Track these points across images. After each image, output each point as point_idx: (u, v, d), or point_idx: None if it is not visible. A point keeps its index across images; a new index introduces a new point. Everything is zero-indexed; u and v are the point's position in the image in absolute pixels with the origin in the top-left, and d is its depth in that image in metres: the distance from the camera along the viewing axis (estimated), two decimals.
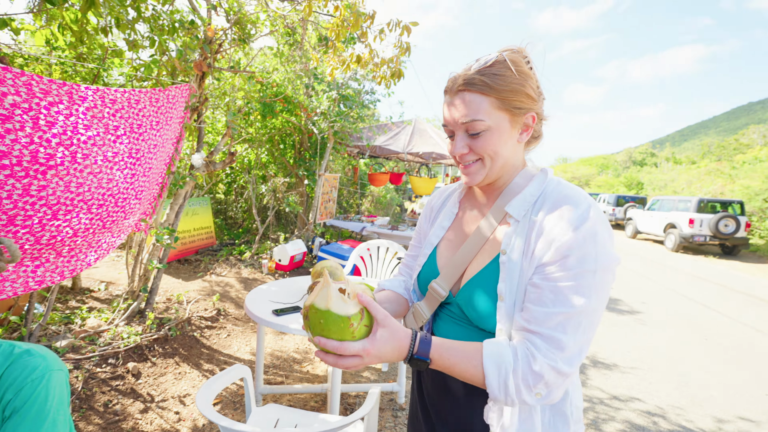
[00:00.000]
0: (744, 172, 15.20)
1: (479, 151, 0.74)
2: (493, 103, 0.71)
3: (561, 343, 0.64)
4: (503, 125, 0.73)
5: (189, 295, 3.77)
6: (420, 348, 0.68)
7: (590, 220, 0.66)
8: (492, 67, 0.72)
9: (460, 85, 0.73)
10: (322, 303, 0.66)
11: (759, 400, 2.86)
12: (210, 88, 4.10)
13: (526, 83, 0.73)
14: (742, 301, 5.74)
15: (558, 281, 0.65)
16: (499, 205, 0.80)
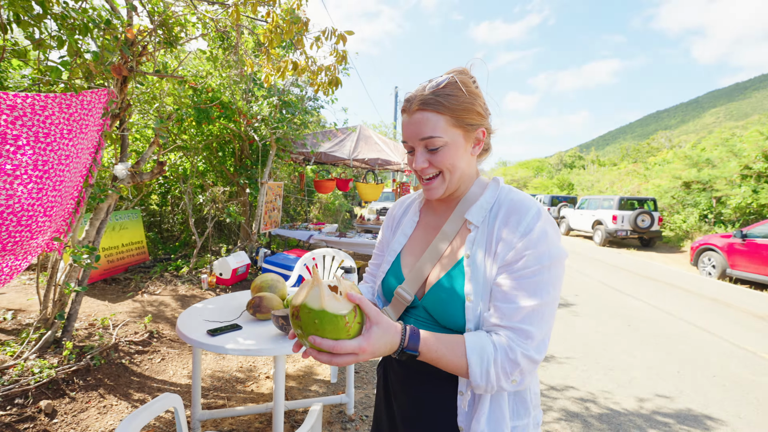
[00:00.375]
0: (655, 173, 17.10)
1: (438, 164, 0.82)
2: (448, 120, 0.78)
3: (530, 334, 0.72)
4: (458, 141, 0.81)
5: (116, 318, 3.43)
6: (410, 342, 0.72)
7: (540, 221, 0.76)
8: (445, 88, 0.79)
9: (417, 105, 0.80)
10: (315, 302, 0.65)
11: (672, 377, 3.19)
12: (135, 94, 3.80)
13: (475, 102, 0.81)
14: (656, 288, 6.41)
15: (520, 279, 0.74)
16: (458, 212, 0.87)
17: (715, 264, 7.63)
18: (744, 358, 3.64)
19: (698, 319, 4.81)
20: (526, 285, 0.73)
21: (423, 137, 0.80)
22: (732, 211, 11.31)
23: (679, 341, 4.01)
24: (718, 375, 3.26)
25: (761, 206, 10.53)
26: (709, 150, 14.00)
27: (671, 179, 13.89)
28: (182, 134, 4.90)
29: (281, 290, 2.23)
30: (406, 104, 0.83)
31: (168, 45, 2.52)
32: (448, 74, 0.82)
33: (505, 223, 0.78)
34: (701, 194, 12.58)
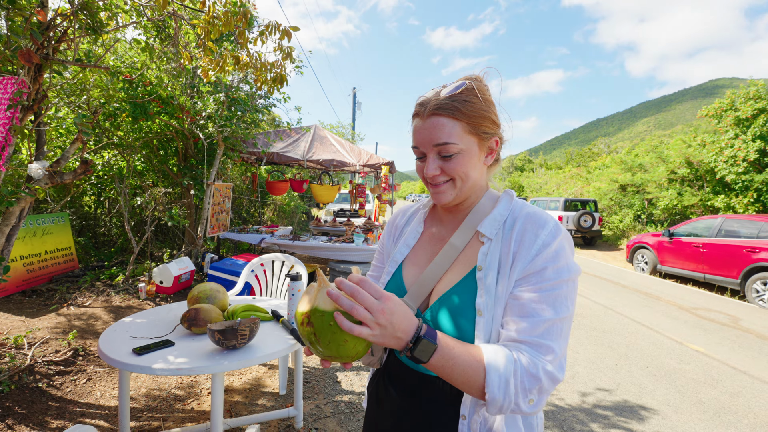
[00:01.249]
0: (596, 176, 18.37)
1: (451, 172, 0.78)
2: (464, 127, 0.76)
3: (551, 349, 0.68)
4: (473, 148, 0.78)
5: (33, 336, 3.06)
6: (428, 331, 0.67)
7: (559, 236, 0.74)
8: (462, 94, 0.76)
9: (432, 110, 0.76)
10: (327, 304, 0.62)
11: (611, 370, 3.39)
12: (59, 85, 3.42)
13: (490, 110, 0.79)
14: (597, 284, 6.85)
15: (540, 291, 0.71)
16: (469, 224, 0.84)
17: (647, 261, 8.29)
18: (672, 348, 3.96)
19: (633, 312, 5.18)
20: (546, 298, 0.70)
21: (437, 143, 0.76)
22: (661, 212, 12.40)
23: (616, 334, 4.28)
24: (650, 366, 3.51)
25: (685, 207, 11.63)
26: (641, 156, 15.28)
27: (609, 182, 14.99)
28: (116, 131, 4.48)
29: (221, 301, 2.07)
30: (419, 108, 0.80)
31: (91, 31, 2.27)
32: (464, 80, 0.80)
33: (522, 236, 0.76)
34: (635, 196, 13.69)
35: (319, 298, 0.64)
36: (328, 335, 0.62)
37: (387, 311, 0.62)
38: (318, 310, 0.62)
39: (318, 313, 0.62)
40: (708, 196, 11.05)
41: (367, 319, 0.60)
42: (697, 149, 11.48)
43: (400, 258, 0.93)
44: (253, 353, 1.67)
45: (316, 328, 0.62)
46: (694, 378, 3.29)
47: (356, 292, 0.61)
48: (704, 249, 6.94)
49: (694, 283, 7.40)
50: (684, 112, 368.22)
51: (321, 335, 0.62)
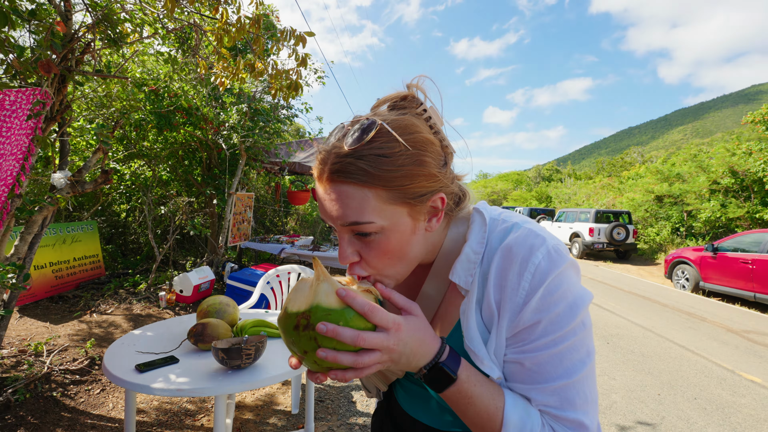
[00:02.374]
0: (629, 186, 17.56)
1: (372, 261, 0.55)
2: (382, 196, 0.51)
3: (579, 424, 0.52)
4: (401, 222, 0.54)
5: (54, 343, 3.08)
6: (449, 358, 0.53)
7: (552, 266, 0.53)
8: (374, 143, 0.51)
9: (332, 173, 0.52)
10: (332, 300, 0.49)
11: (654, 401, 3.07)
12: (85, 96, 3.51)
13: (424, 157, 0.53)
14: (633, 302, 6.40)
15: (536, 353, 0.53)
16: (438, 270, 0.64)
17: (688, 277, 7.72)
18: (722, 377, 3.57)
19: (675, 334, 4.77)
20: (550, 359, 0.53)
21: (345, 222, 0.53)
22: (702, 225, 11.63)
23: (658, 360, 3.92)
24: (698, 397, 3.16)
25: (729, 220, 10.86)
26: (679, 165, 14.48)
27: (644, 193, 14.25)
28: (142, 141, 4.59)
29: (231, 315, 1.98)
30: (318, 165, 0.55)
31: (112, 43, 2.28)
32: (375, 113, 0.56)
33: (502, 281, 0.55)
34: (673, 208, 12.93)
35: (321, 294, 0.50)
36: (333, 340, 0.47)
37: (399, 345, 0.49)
38: (321, 308, 0.48)
39: (322, 312, 0.48)
40: (756, 208, 10.26)
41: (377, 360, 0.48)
42: (743, 158, 10.74)
43: None
44: (258, 374, 1.56)
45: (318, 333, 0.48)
46: (751, 414, 2.92)
47: (360, 341, 0.47)
48: (753, 266, 6.37)
49: (742, 303, 6.80)
50: (724, 119, 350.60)
51: (324, 340, 0.47)
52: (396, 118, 0.53)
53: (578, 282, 0.56)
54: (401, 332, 0.49)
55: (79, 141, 4.12)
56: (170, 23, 2.56)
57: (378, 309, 0.48)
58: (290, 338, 0.50)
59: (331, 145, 0.54)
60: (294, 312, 0.50)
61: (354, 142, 0.51)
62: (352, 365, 0.47)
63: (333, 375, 0.49)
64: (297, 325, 0.49)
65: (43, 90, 2.23)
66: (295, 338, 0.49)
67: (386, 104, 0.58)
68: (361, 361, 0.47)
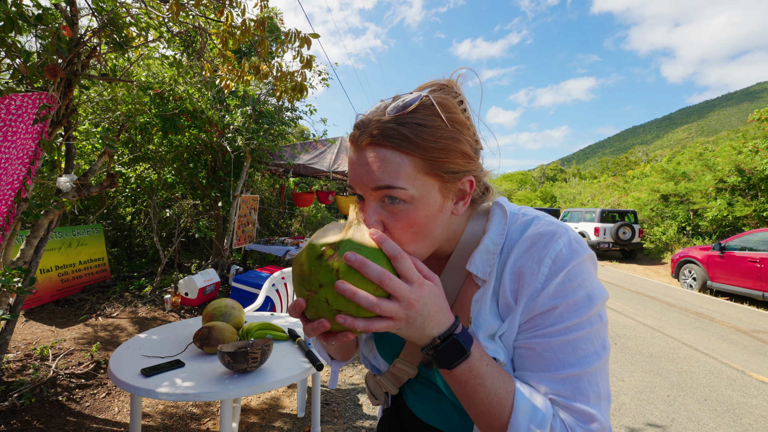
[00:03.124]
0: (634, 186, 17.45)
1: (395, 232, 0.54)
2: (417, 165, 0.51)
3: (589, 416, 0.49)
4: (431, 195, 0.53)
5: (60, 347, 3.09)
6: (463, 332, 0.51)
7: (572, 261, 0.52)
8: (416, 114, 0.52)
9: (370, 137, 0.52)
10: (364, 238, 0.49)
11: (663, 403, 3.03)
12: (91, 100, 3.53)
13: (461, 137, 0.54)
14: (641, 302, 6.34)
15: (550, 338, 0.52)
16: (456, 262, 0.64)
17: (695, 276, 7.65)
18: (733, 377, 3.52)
19: (683, 334, 4.71)
20: (564, 347, 0.51)
21: (377, 185, 0.52)
22: (709, 224, 11.52)
23: (666, 360, 3.88)
24: (708, 398, 3.11)
25: (736, 219, 10.75)
26: (684, 164, 14.36)
27: (650, 192, 14.15)
28: (147, 144, 4.61)
29: (237, 318, 1.98)
30: (354, 132, 0.56)
31: (117, 47, 2.29)
32: (424, 88, 0.57)
33: (521, 269, 0.54)
34: (679, 207, 12.82)
35: (355, 233, 0.49)
36: (357, 276, 0.45)
37: (420, 302, 0.47)
38: (353, 242, 0.47)
39: (353, 245, 0.47)
40: (763, 206, 10.16)
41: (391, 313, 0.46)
42: (749, 156, 10.63)
43: None
44: (264, 378, 1.55)
45: (342, 265, 0.45)
46: (763, 415, 2.88)
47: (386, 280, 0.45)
48: (762, 265, 6.30)
49: (751, 302, 6.72)
50: (729, 117, 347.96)
51: (348, 275, 0.45)
52: (439, 95, 0.54)
53: (596, 275, 0.55)
54: (424, 290, 0.48)
55: (84, 144, 4.15)
56: (175, 27, 2.57)
57: (407, 258, 0.48)
58: (308, 269, 0.47)
59: (373, 112, 0.55)
60: (320, 243, 0.48)
61: (397, 110, 0.52)
62: (369, 306, 0.44)
63: (341, 319, 0.45)
64: (321, 255, 0.47)
65: (49, 94, 2.24)
66: (315, 269, 0.47)
67: (428, 89, 0.57)
68: (379, 306, 0.44)
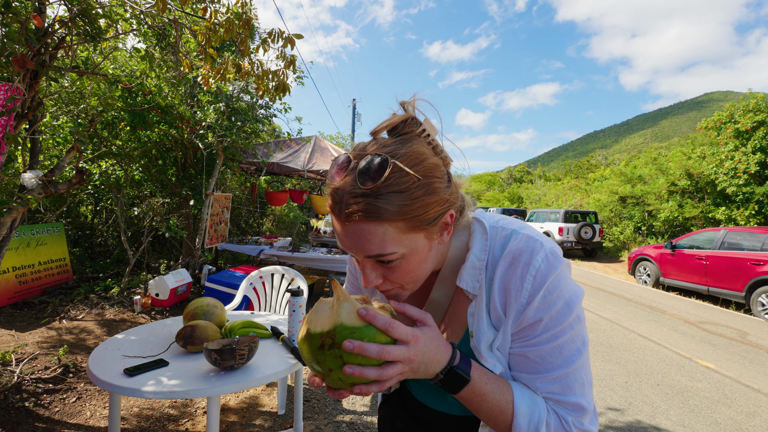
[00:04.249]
0: (595, 188, 18.40)
1: (396, 280, 0.61)
2: (401, 227, 0.55)
3: (579, 407, 0.59)
4: (419, 245, 0.58)
5: (23, 351, 2.94)
6: (462, 362, 0.59)
7: (550, 268, 0.60)
8: (388, 181, 0.52)
9: (351, 216, 0.54)
10: (354, 319, 0.53)
11: (622, 389, 3.28)
12: (57, 92, 3.37)
13: (435, 183, 0.56)
14: (601, 297, 6.75)
15: (539, 346, 0.60)
16: (445, 276, 0.70)
17: (649, 273, 8.21)
18: (681, 364, 3.85)
19: (639, 326, 5.07)
20: (551, 351, 0.60)
21: (368, 255, 0.57)
22: (661, 224, 12.36)
23: (624, 350, 4.18)
24: (661, 383, 3.39)
25: (686, 219, 11.60)
26: (640, 168, 15.31)
27: (609, 194, 14.99)
28: (114, 140, 4.42)
29: (219, 317, 1.98)
30: (334, 205, 0.56)
31: (90, 39, 2.22)
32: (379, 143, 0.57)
33: (507, 285, 0.61)
34: (635, 208, 13.67)
35: (343, 313, 0.52)
36: (359, 356, 0.50)
37: (418, 355, 0.54)
38: (346, 326, 0.51)
39: (346, 330, 0.51)
40: (709, 208, 11.02)
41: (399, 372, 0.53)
42: (697, 161, 11.50)
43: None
44: (251, 374, 1.58)
45: (344, 350, 0.50)
46: (707, 396, 3.18)
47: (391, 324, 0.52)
48: (707, 261, 6.86)
49: (698, 296, 7.30)
50: (680, 124, 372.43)
51: (351, 357, 0.50)
52: (405, 151, 0.55)
53: (572, 280, 0.64)
54: (419, 343, 0.54)
55: (47, 139, 3.93)
56: (149, 20, 2.50)
57: (398, 324, 0.53)
58: (315, 358, 0.53)
59: (343, 182, 0.55)
60: (318, 332, 0.52)
61: (369, 182, 0.52)
62: (377, 378, 0.51)
63: (357, 390, 0.52)
64: (322, 345, 0.52)
65: (14, 86, 2.14)
66: (321, 357, 0.52)
67: (386, 130, 0.59)
68: (385, 374, 0.51)
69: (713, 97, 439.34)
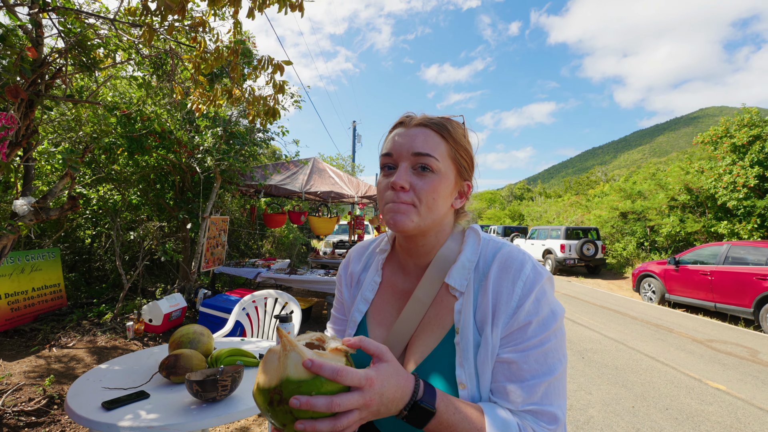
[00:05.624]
0: (595, 204, 18.36)
1: (421, 192, 0.68)
2: (448, 150, 0.71)
3: (554, 417, 0.61)
4: (449, 176, 0.71)
5: (8, 382, 2.86)
6: (425, 394, 0.57)
7: (539, 282, 0.65)
8: (450, 120, 0.73)
9: (421, 120, 0.72)
10: (300, 372, 0.50)
11: (629, 414, 3.15)
12: (54, 120, 3.41)
13: (470, 149, 0.75)
14: (605, 316, 6.60)
15: (527, 351, 0.63)
16: (434, 272, 0.73)
17: (654, 290, 8.07)
18: (691, 386, 3.71)
19: (645, 346, 4.94)
20: (537, 357, 0.62)
21: (418, 151, 0.68)
22: (664, 239, 12.25)
23: (630, 372, 4.04)
24: (669, 407, 3.26)
25: (688, 234, 11.50)
26: (640, 183, 15.31)
27: (609, 210, 14.93)
28: (111, 165, 4.45)
29: (205, 345, 1.92)
30: (404, 118, 0.74)
31: (85, 69, 2.25)
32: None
33: (499, 288, 0.66)
34: (637, 224, 13.58)
35: (289, 366, 0.50)
36: (310, 411, 0.49)
37: (375, 387, 0.51)
38: (291, 381, 0.49)
39: (292, 385, 0.49)
40: (711, 223, 10.94)
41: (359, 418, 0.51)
42: (696, 176, 11.50)
43: (359, 317, 0.81)
44: (235, 406, 1.51)
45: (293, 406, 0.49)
46: (719, 421, 3.04)
47: (340, 373, 0.49)
48: (712, 277, 6.75)
49: (705, 313, 7.14)
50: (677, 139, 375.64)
51: (301, 412, 0.49)
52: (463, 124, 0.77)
53: (553, 293, 0.68)
54: (374, 386, 0.51)
55: (43, 165, 3.96)
56: (145, 49, 2.55)
57: (346, 371, 0.50)
58: (267, 413, 0.52)
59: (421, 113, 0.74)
60: (266, 388, 0.51)
61: (439, 115, 0.74)
62: (332, 430, 0.48)
63: None
64: (271, 401, 0.51)
65: (8, 115, 2.16)
66: (272, 413, 0.51)
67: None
68: (340, 425, 0.49)
69: (708, 112, 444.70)
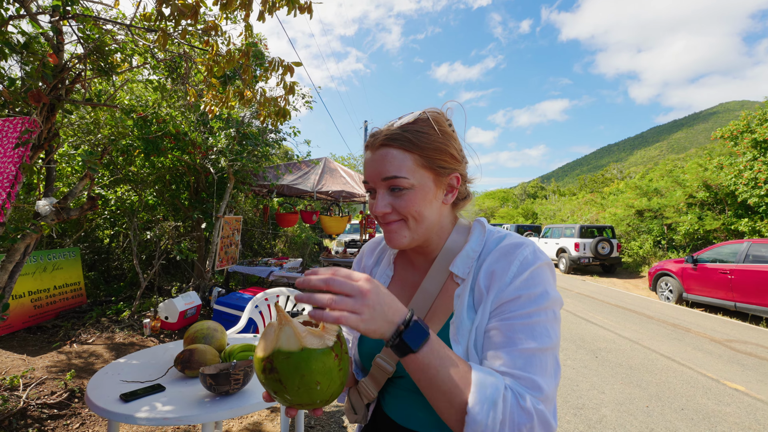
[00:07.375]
0: (610, 202, 18.01)
1: (402, 210, 0.70)
2: (417, 160, 0.69)
3: (537, 384, 0.59)
4: (427, 185, 0.71)
5: (31, 376, 2.97)
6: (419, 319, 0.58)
7: (537, 263, 0.66)
8: (415, 124, 0.70)
9: (382, 140, 0.70)
10: (292, 343, 0.54)
11: (643, 414, 3.10)
12: (74, 123, 3.53)
13: (449, 143, 0.72)
14: (620, 315, 6.49)
15: (514, 320, 0.63)
16: (440, 265, 0.76)
17: (672, 288, 7.89)
18: (708, 386, 3.63)
19: (661, 346, 4.84)
20: (523, 328, 0.62)
21: (386, 176, 0.69)
22: (682, 237, 11.96)
23: (645, 372, 3.97)
24: (685, 407, 3.20)
25: (707, 232, 11.20)
26: (656, 180, 14.96)
27: (625, 208, 14.64)
28: (128, 166, 4.58)
29: (219, 340, 1.97)
30: (370, 140, 0.74)
31: (103, 73, 2.33)
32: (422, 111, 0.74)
33: (494, 268, 0.68)
34: (653, 221, 13.29)
35: (282, 338, 0.55)
36: (296, 380, 0.53)
37: (372, 290, 0.54)
38: (282, 352, 0.53)
39: (282, 356, 0.53)
40: (731, 220, 10.64)
41: (353, 306, 0.52)
42: (715, 172, 11.19)
43: None
44: (247, 399, 1.55)
45: (281, 373, 0.53)
46: (736, 422, 2.98)
47: (330, 281, 0.53)
48: (732, 276, 6.57)
49: (724, 312, 6.96)
50: (696, 135, 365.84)
51: (288, 381, 0.53)
52: (431, 114, 0.72)
53: (554, 283, 0.68)
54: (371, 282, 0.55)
55: (64, 167, 4.10)
56: (160, 53, 2.63)
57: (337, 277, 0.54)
58: (262, 380, 0.56)
59: (385, 126, 0.73)
60: (260, 357, 0.56)
61: (402, 122, 0.71)
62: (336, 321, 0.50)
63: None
64: (264, 369, 0.55)
65: (31, 119, 2.25)
66: (264, 380, 0.55)
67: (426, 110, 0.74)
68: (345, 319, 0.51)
69: (729, 107, 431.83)
